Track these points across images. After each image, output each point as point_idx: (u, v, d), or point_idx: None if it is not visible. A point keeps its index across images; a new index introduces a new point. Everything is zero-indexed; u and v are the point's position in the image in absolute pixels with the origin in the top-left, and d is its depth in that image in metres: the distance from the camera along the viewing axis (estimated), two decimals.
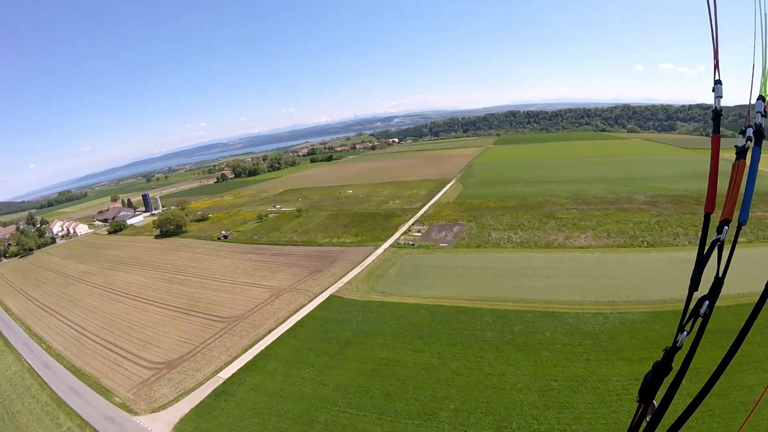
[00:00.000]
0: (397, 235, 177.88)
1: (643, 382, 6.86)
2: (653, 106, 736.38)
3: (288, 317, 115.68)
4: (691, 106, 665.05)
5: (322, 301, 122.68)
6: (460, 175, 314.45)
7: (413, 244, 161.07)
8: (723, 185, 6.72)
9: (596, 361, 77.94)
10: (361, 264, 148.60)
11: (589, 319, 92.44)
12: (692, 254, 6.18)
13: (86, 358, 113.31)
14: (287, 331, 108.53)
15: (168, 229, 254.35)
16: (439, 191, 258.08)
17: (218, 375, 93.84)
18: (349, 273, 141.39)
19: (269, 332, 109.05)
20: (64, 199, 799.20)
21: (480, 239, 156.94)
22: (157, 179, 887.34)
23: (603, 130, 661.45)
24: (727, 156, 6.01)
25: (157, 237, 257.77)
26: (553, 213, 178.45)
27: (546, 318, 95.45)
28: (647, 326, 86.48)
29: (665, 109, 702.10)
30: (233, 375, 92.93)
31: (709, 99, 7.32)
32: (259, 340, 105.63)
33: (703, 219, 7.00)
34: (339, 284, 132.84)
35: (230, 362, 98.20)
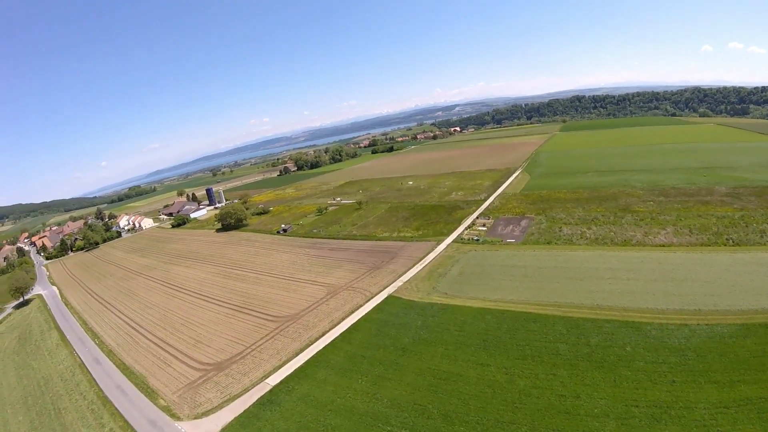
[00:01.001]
0: (460, 229, 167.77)
1: None
2: (725, 88, 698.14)
3: (343, 319, 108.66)
4: (764, 88, 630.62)
5: (379, 301, 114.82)
6: (526, 164, 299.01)
7: (478, 240, 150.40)
8: None
9: (682, 383, 67.35)
10: (422, 261, 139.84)
11: (673, 331, 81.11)
12: None
13: (137, 356, 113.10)
14: (341, 334, 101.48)
15: (229, 223, 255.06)
16: (504, 182, 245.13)
17: (266, 381, 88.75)
18: (409, 271, 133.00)
19: (322, 335, 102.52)
20: (133, 194, 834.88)
21: (550, 235, 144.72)
22: (223, 173, 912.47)
23: (673, 115, 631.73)
24: None
25: (218, 231, 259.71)
26: (629, 206, 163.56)
27: (626, 329, 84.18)
28: (738, 342, 75.64)
29: (737, 91, 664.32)
30: (281, 382, 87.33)
31: None
32: (312, 344, 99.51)
33: None
34: (398, 283, 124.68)
35: (280, 367, 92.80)
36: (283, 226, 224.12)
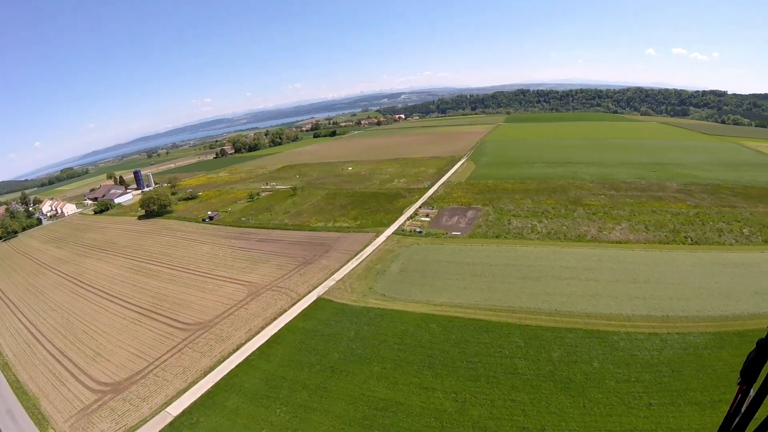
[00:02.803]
0: (402, 219, 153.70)
1: (745, 362, 6.63)
2: (666, 90, 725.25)
3: (263, 328, 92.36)
4: (704, 92, 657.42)
5: (307, 305, 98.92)
6: (472, 152, 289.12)
7: (421, 232, 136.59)
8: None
9: (660, 405, 57.74)
10: (359, 255, 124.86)
11: (643, 342, 71.58)
12: (742, 256, 3.33)
13: (32, 371, 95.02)
14: (259, 348, 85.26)
15: (152, 210, 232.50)
16: (449, 170, 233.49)
17: (167, 410, 71.99)
18: (344, 267, 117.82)
19: (237, 348, 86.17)
20: (65, 176, 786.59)
21: (499, 228, 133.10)
22: (158, 155, 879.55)
23: (615, 112, 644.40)
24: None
25: (140, 218, 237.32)
26: (580, 198, 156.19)
27: (590, 340, 73.30)
28: (713, 354, 67.66)
29: (678, 94, 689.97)
30: (184, 412, 70.71)
31: (722, 86, 3.05)
32: (224, 360, 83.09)
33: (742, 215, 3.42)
34: (330, 282, 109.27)
35: (184, 390, 76.10)
36: (209, 213, 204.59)
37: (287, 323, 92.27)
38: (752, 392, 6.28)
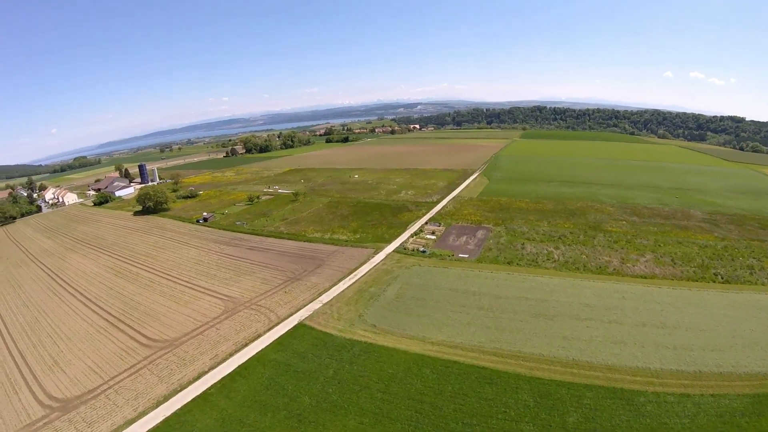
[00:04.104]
0: (405, 235, 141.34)
1: None
2: (684, 113, 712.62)
3: (231, 354, 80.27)
4: (722, 118, 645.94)
5: (285, 331, 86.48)
6: (485, 167, 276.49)
7: (424, 252, 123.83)
8: None
9: None
10: (353, 274, 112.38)
11: (674, 406, 59.76)
12: None
13: None
14: (222, 380, 73.17)
15: (148, 206, 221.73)
16: (460, 183, 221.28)
17: None
18: (334, 287, 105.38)
19: (197, 378, 74.38)
20: (77, 165, 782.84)
21: (511, 252, 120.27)
22: (171, 150, 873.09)
23: (632, 134, 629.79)
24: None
25: (136, 213, 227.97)
26: (600, 224, 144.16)
27: (614, 401, 60.94)
28: (752, 423, 56.77)
29: (696, 118, 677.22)
30: None
31: (740, 111, 3.09)
32: (181, 390, 71.66)
33: None
34: (316, 304, 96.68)
35: (132, 422, 66.07)
36: (204, 214, 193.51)
37: (258, 352, 79.95)
38: None
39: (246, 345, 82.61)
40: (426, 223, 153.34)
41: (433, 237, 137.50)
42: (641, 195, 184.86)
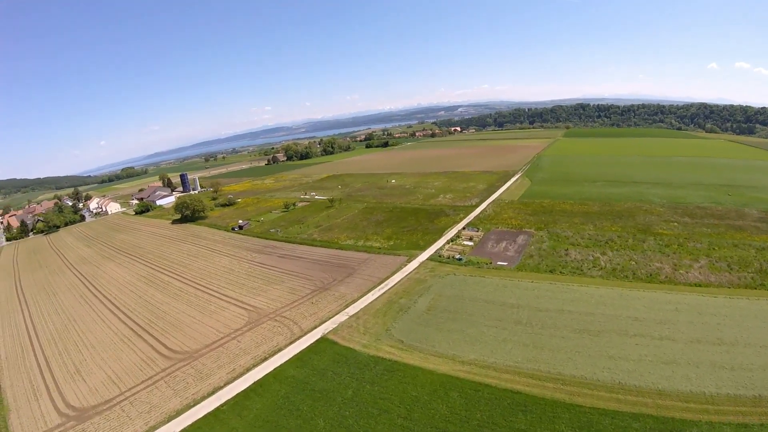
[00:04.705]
0: (441, 241, 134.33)
1: None
2: (731, 106, 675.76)
3: (249, 369, 75.83)
4: None
5: (307, 345, 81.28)
6: (527, 168, 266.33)
7: (460, 259, 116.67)
8: None
9: None
10: (383, 284, 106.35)
11: None
12: None
13: (16, 378, 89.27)
14: (236, 397, 68.88)
15: (186, 215, 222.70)
16: (501, 186, 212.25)
17: None
18: (363, 297, 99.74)
19: (212, 393, 70.73)
20: (124, 175, 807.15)
21: (554, 259, 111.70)
22: (215, 159, 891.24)
23: (678, 129, 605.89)
24: None
25: (174, 222, 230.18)
26: (650, 226, 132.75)
27: None
28: None
29: (744, 110, 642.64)
30: None
31: None
32: (194, 405, 68.40)
33: None
34: (341, 317, 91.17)
35: None
36: (240, 222, 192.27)
37: (277, 367, 75.01)
38: None
39: (265, 359, 77.97)
40: (463, 228, 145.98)
41: (471, 243, 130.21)
42: (692, 193, 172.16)
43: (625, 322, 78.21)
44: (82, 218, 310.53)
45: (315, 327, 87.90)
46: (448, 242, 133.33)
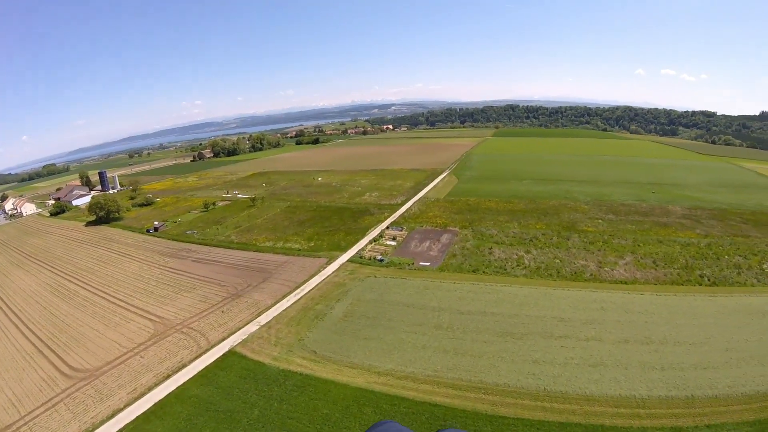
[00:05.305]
0: (363, 242, 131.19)
1: None
2: (656, 109, 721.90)
3: (151, 389, 69.66)
4: (694, 113, 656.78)
5: (214, 359, 75.82)
6: (455, 166, 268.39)
7: (382, 260, 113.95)
8: None
9: None
10: (300, 289, 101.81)
11: None
12: None
13: None
14: (135, 420, 62.82)
15: (100, 216, 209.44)
16: (428, 184, 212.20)
17: None
18: (278, 304, 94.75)
19: (111, 417, 64.39)
20: (45, 173, 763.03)
21: (478, 258, 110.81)
22: (140, 156, 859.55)
23: (604, 130, 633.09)
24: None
25: (88, 224, 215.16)
26: (575, 223, 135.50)
27: None
28: None
29: (668, 113, 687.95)
30: None
31: (711, 106, 3.14)
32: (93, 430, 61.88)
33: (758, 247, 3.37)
34: (252, 327, 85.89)
35: None
36: (155, 224, 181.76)
37: (180, 386, 69.22)
38: None
39: (168, 377, 71.99)
40: (388, 227, 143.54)
41: (394, 243, 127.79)
42: (617, 191, 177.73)
43: (550, 323, 77.50)
44: None
45: (223, 339, 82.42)
46: (370, 242, 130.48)
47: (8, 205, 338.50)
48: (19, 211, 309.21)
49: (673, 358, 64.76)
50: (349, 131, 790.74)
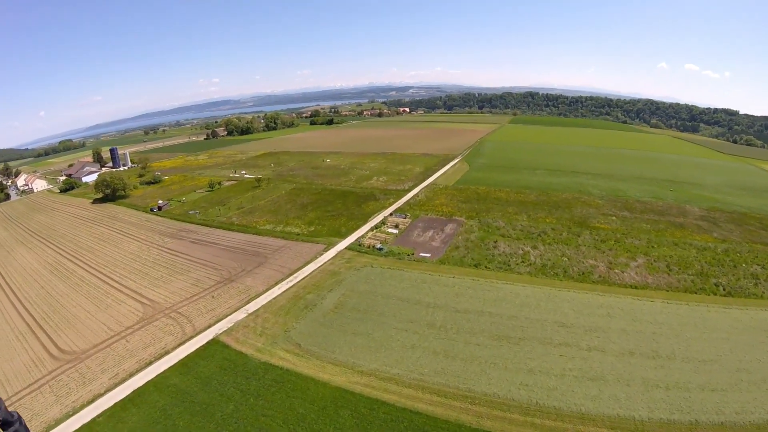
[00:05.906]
0: (365, 228, 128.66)
1: None
2: (677, 104, 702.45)
3: (132, 375, 68.64)
4: (716, 110, 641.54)
5: (196, 348, 74.23)
6: (468, 152, 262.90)
7: (381, 249, 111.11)
8: None
9: None
10: (293, 276, 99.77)
11: None
12: None
13: None
14: (113, 407, 61.89)
15: (107, 194, 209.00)
16: (438, 170, 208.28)
17: None
18: (269, 291, 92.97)
19: (91, 401, 63.95)
20: (62, 148, 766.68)
21: (481, 252, 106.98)
22: (155, 133, 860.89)
23: (624, 122, 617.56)
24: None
25: (94, 201, 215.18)
26: (587, 219, 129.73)
27: None
28: None
29: (689, 109, 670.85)
30: None
31: (734, 105, 3.07)
32: (72, 415, 61.86)
33: None
34: (240, 314, 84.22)
35: None
36: (159, 202, 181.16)
37: (160, 373, 67.89)
38: None
39: (150, 363, 70.77)
40: (391, 214, 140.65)
41: (396, 231, 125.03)
42: (633, 187, 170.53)
43: (550, 328, 73.38)
44: (7, 197, 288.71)
45: (209, 326, 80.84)
46: (372, 229, 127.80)
47: (20, 181, 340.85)
48: (30, 187, 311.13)
49: (679, 376, 60.14)
50: (364, 113, 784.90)
